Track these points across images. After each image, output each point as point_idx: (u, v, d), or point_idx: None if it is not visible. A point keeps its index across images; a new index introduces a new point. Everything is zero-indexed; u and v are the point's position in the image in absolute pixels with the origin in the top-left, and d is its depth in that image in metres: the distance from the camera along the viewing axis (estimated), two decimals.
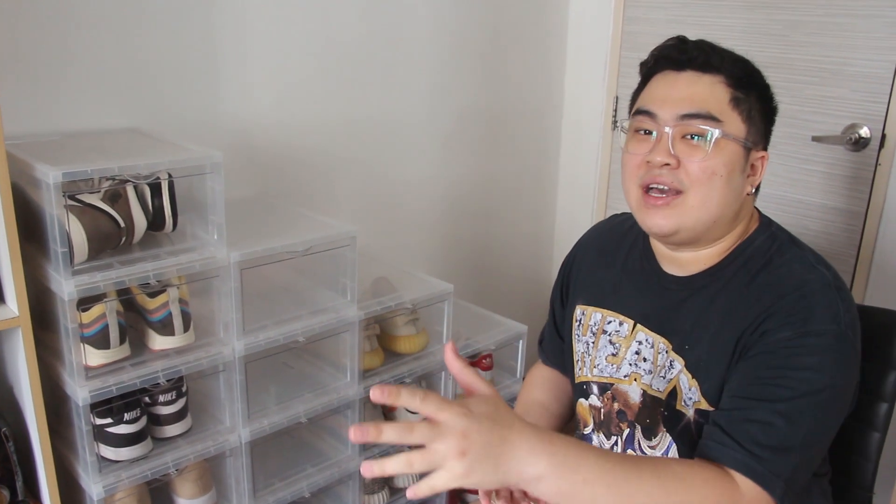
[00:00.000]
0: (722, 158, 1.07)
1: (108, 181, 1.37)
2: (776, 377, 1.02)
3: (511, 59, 2.46)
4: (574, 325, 1.35)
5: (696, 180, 1.08)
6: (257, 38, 1.85)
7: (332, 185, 2.09)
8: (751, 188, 1.12)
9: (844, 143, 2.03)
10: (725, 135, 1.07)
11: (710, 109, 1.08)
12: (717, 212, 1.10)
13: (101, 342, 1.37)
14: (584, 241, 1.43)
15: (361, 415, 1.77)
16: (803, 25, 2.07)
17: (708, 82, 1.09)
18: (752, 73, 1.12)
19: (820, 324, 1.02)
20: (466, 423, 0.80)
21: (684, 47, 1.12)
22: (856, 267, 2.08)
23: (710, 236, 1.14)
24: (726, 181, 1.08)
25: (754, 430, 1.00)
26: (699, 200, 1.08)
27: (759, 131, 1.11)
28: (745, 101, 1.09)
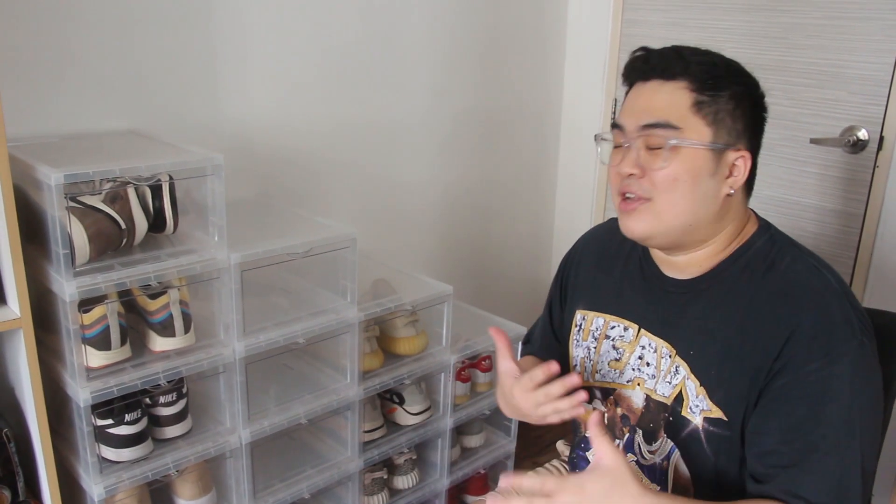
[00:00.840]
0: (683, 165, 1.08)
1: (109, 183, 1.38)
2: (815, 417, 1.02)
3: (510, 62, 2.47)
4: (573, 329, 1.35)
5: (660, 188, 1.09)
6: (257, 41, 1.85)
7: (332, 187, 2.09)
8: (730, 189, 1.11)
9: (842, 145, 2.04)
10: (683, 141, 1.08)
11: (668, 118, 1.09)
12: (689, 216, 1.11)
13: (102, 343, 1.37)
14: (582, 245, 1.42)
15: (361, 416, 1.77)
16: (802, 28, 2.07)
17: (670, 90, 1.10)
18: (721, 75, 1.10)
19: (843, 343, 1.02)
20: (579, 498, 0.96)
21: (647, 57, 1.13)
22: (854, 269, 2.09)
23: (694, 239, 1.14)
24: (691, 186, 1.09)
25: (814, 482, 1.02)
26: (666, 206, 1.10)
27: (732, 132, 1.10)
28: (710, 103, 1.08)
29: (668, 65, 1.10)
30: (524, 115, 2.58)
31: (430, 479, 2.02)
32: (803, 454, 1.03)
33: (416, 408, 1.91)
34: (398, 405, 1.91)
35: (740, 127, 1.10)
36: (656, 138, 1.09)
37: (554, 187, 2.79)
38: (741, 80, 1.12)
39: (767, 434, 1.06)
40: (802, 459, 1.03)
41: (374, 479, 1.87)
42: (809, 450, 1.03)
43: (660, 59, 1.11)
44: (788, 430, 1.04)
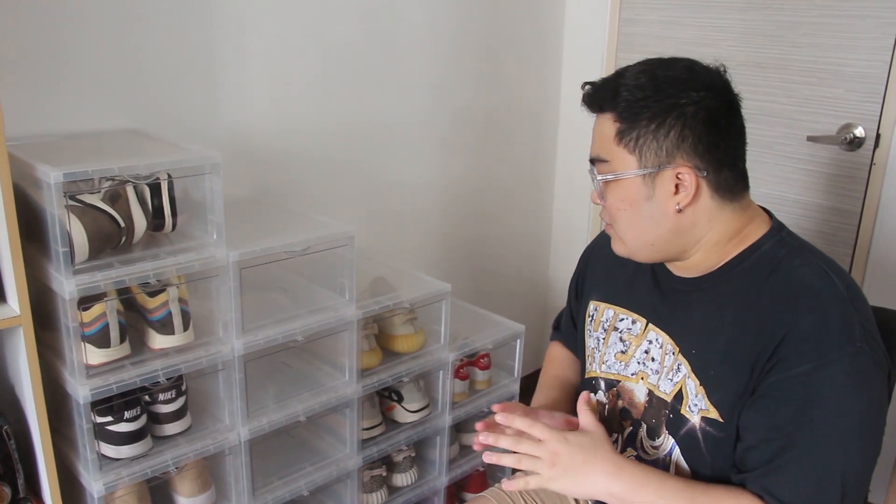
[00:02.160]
0: (616, 195, 1.13)
1: (108, 181, 1.38)
2: (799, 419, 1.02)
3: (508, 61, 2.47)
4: (587, 320, 1.37)
5: (611, 217, 1.17)
6: (256, 40, 1.86)
7: (331, 186, 2.10)
8: (677, 205, 1.09)
9: (839, 142, 2.05)
10: (607, 175, 1.12)
11: (598, 152, 1.13)
12: (646, 237, 1.14)
13: (102, 341, 1.38)
14: (602, 237, 1.43)
15: (360, 414, 1.78)
16: (799, 26, 2.08)
17: (602, 122, 1.12)
18: (643, 97, 1.07)
19: (836, 349, 1.01)
20: (560, 445, 1.11)
21: (587, 92, 1.15)
22: (851, 266, 2.10)
23: (670, 253, 1.16)
24: (632, 213, 1.12)
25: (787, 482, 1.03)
26: (623, 232, 1.16)
27: (660, 153, 1.07)
28: (628, 131, 1.08)
29: (600, 98, 1.12)
30: (522, 114, 2.59)
31: (429, 477, 2.02)
32: (781, 453, 1.04)
33: (415, 405, 1.91)
34: (397, 403, 1.92)
35: (670, 144, 1.07)
36: (594, 173, 1.15)
37: (552, 186, 2.80)
38: (670, 95, 1.07)
39: (752, 430, 1.07)
40: (779, 458, 1.04)
41: (372, 476, 1.88)
42: (788, 449, 1.03)
43: (595, 94, 1.14)
44: (771, 429, 1.05)
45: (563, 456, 1.10)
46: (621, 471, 1.10)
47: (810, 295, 1.06)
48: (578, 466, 1.10)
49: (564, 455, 1.10)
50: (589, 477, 1.10)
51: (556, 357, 1.53)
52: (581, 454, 1.10)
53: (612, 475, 1.09)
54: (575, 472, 1.10)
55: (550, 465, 1.10)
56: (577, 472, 1.10)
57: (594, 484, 1.10)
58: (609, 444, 1.14)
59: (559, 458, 1.10)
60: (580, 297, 1.43)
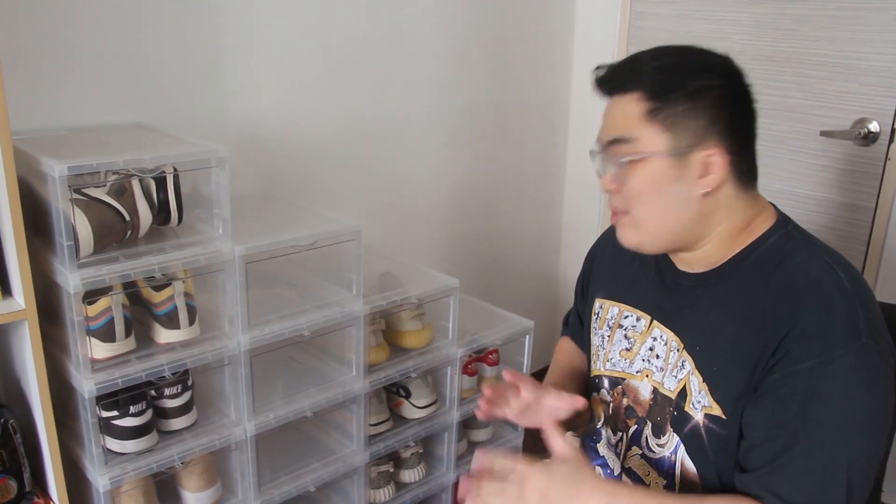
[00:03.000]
0: (643, 177, 1.08)
1: (114, 175, 1.38)
2: (802, 416, 1.00)
3: (518, 55, 2.46)
4: (592, 318, 1.35)
5: (630, 202, 1.11)
6: (264, 34, 1.85)
7: (339, 181, 2.09)
8: (705, 188, 1.08)
9: (853, 137, 2.02)
10: (636, 154, 1.07)
11: (621, 132, 1.08)
12: (666, 224, 1.11)
13: (107, 335, 1.37)
14: (608, 235, 1.42)
15: (367, 409, 1.77)
16: (813, 19, 2.05)
17: (624, 103, 1.09)
18: (673, 76, 1.07)
19: (841, 345, 0.99)
20: (545, 480, 1.02)
21: (603, 74, 1.12)
22: (865, 263, 2.07)
23: (686, 241, 1.13)
24: (657, 196, 1.08)
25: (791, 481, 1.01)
26: (641, 218, 1.11)
27: (694, 132, 1.06)
28: (661, 109, 1.06)
29: (622, 79, 1.10)
30: (533, 109, 2.57)
31: (437, 473, 2.02)
32: (784, 451, 1.01)
33: (423, 401, 1.90)
34: (404, 399, 1.91)
35: (702, 124, 1.06)
36: (612, 154, 1.10)
37: (562, 182, 2.78)
38: (700, 76, 1.07)
39: (755, 428, 1.05)
40: (783, 456, 1.01)
41: (380, 472, 1.87)
42: (791, 447, 1.01)
43: (613, 74, 1.11)
44: (774, 426, 1.03)
45: (552, 490, 1.02)
46: (615, 497, 1.04)
47: (815, 290, 1.04)
48: (571, 499, 1.02)
49: (553, 491, 1.02)
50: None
51: (566, 348, 1.52)
52: (571, 486, 1.03)
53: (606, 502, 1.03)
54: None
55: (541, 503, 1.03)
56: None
57: None
58: (592, 469, 1.08)
59: (549, 493, 1.02)
60: (586, 295, 1.42)
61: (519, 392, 1.26)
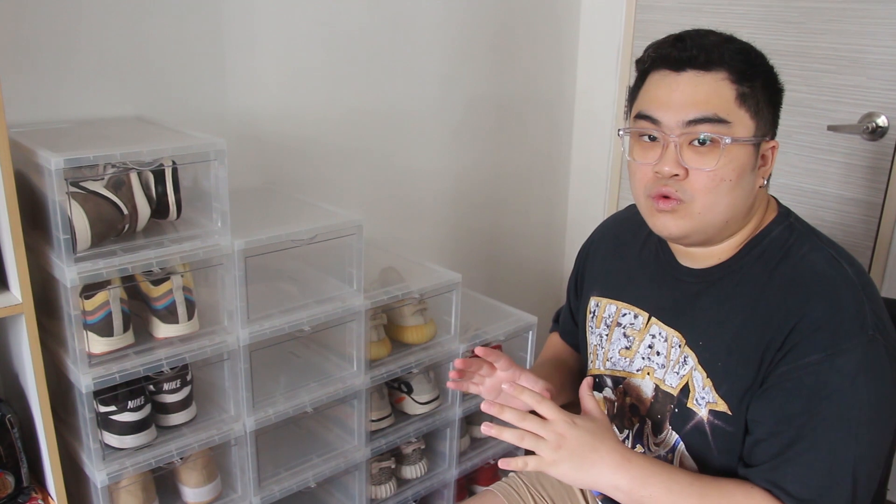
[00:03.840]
0: (732, 164, 1.03)
1: (112, 168, 1.37)
2: (808, 411, 0.99)
3: (522, 48, 2.43)
4: (588, 316, 1.33)
5: (703, 189, 1.04)
6: (265, 26, 1.83)
7: (341, 175, 2.07)
8: (762, 180, 1.08)
9: (861, 132, 2.00)
10: (736, 139, 1.02)
11: (717, 111, 1.02)
12: (728, 214, 1.06)
13: (105, 329, 1.36)
14: (601, 231, 1.40)
15: (368, 405, 1.76)
16: (820, 12, 2.03)
17: (711, 81, 1.02)
18: (755, 62, 1.05)
19: (848, 338, 0.98)
20: (567, 428, 1.03)
21: (683, 45, 1.04)
22: (872, 258, 2.05)
23: (723, 235, 1.11)
24: (735, 184, 1.04)
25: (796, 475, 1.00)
26: (706, 206, 1.05)
27: (767, 122, 1.06)
28: (751, 95, 1.03)
29: (707, 54, 1.02)
30: (537, 103, 2.55)
31: (439, 469, 2.00)
32: (790, 445, 1.00)
33: (425, 397, 1.89)
34: (406, 394, 1.90)
35: (772, 114, 1.07)
36: (703, 134, 1.02)
37: (567, 176, 2.77)
38: (767, 65, 1.07)
39: (761, 422, 1.04)
40: (789, 451, 1.00)
41: (381, 468, 1.86)
42: (797, 441, 1.00)
43: (697, 48, 1.03)
44: (781, 421, 1.01)
45: (570, 440, 1.02)
46: (629, 462, 1.03)
47: (821, 283, 1.03)
48: (585, 454, 1.02)
49: (571, 439, 1.02)
50: (594, 466, 1.02)
51: (554, 343, 1.50)
52: (589, 441, 1.02)
53: (619, 467, 1.02)
54: (580, 460, 1.02)
55: (555, 448, 1.01)
56: (582, 460, 1.02)
57: (599, 474, 1.02)
58: (614, 435, 1.07)
59: (565, 441, 1.02)
60: (580, 293, 1.39)
61: (494, 370, 1.25)
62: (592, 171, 2.69)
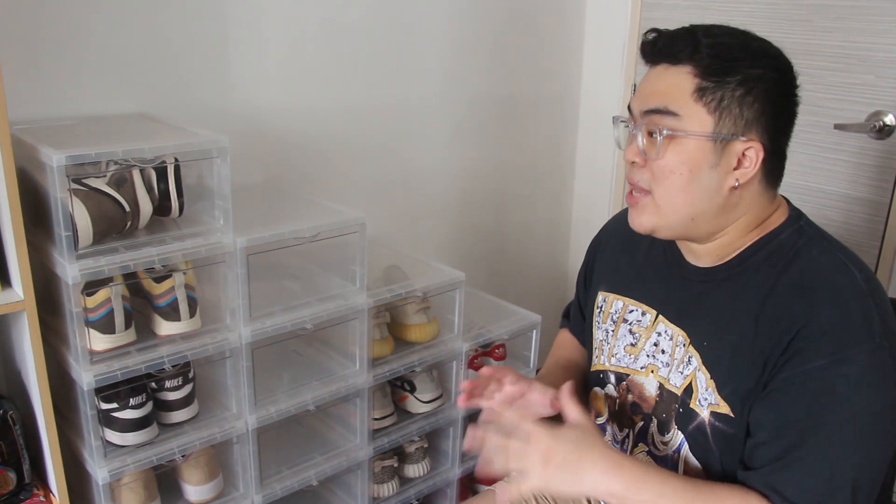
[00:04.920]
0: (679, 156, 1.03)
1: (114, 165, 1.36)
2: (811, 416, 0.98)
3: (527, 45, 2.43)
4: (595, 311, 1.33)
5: (657, 179, 1.06)
6: (269, 23, 1.83)
7: (344, 172, 2.07)
8: (735, 181, 1.05)
9: (868, 130, 1.98)
10: (678, 131, 1.03)
11: (666, 104, 1.03)
12: (688, 210, 1.06)
13: (107, 326, 1.36)
14: (611, 226, 1.40)
15: (371, 403, 1.75)
16: (828, 10, 2.01)
17: (674, 74, 1.04)
18: (732, 58, 1.03)
19: (855, 344, 0.97)
20: (549, 442, 1.03)
21: (656, 40, 1.07)
22: (879, 259, 2.03)
23: (701, 232, 1.10)
24: (688, 180, 1.04)
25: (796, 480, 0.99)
26: (663, 200, 1.07)
27: (739, 120, 1.03)
28: (714, 90, 1.02)
29: (676, 48, 1.04)
30: (541, 100, 2.54)
31: (442, 468, 2.00)
32: (791, 450, 0.99)
33: (428, 396, 1.89)
34: (409, 393, 1.89)
35: (752, 115, 1.03)
36: (652, 125, 1.05)
37: (572, 173, 2.75)
38: (759, 63, 1.03)
39: (762, 426, 1.03)
40: (789, 455, 0.99)
41: (384, 466, 1.86)
42: (798, 447, 0.99)
43: (667, 41, 1.06)
44: (783, 425, 1.00)
45: (556, 454, 1.02)
46: (620, 468, 1.02)
47: (829, 288, 1.02)
48: (573, 464, 1.02)
49: (557, 453, 1.02)
50: (586, 474, 1.02)
51: (565, 341, 1.49)
52: (575, 451, 1.02)
53: (611, 472, 1.02)
54: (571, 471, 1.02)
55: (544, 465, 1.01)
56: (572, 471, 1.02)
57: (592, 481, 1.02)
58: (602, 439, 1.06)
59: (552, 455, 1.02)
60: (588, 287, 1.39)
61: (502, 385, 1.24)
62: (597, 169, 2.68)
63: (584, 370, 1.41)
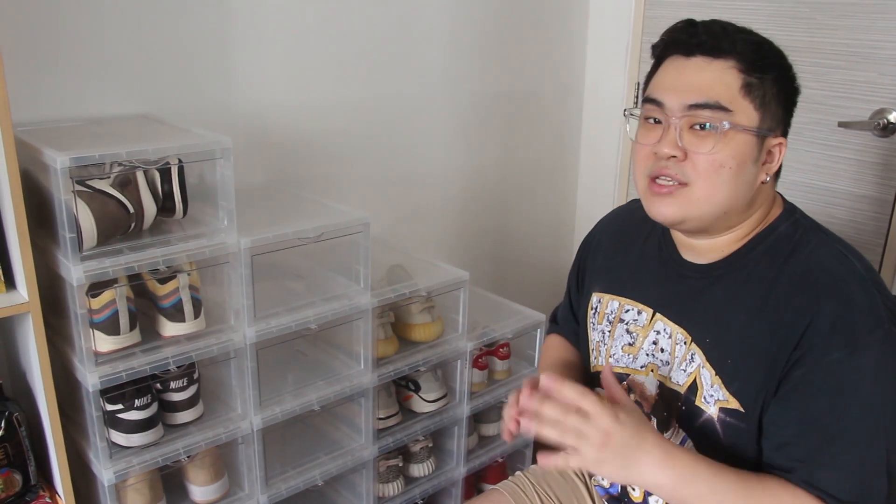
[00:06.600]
0: (731, 150, 1.03)
1: (118, 167, 1.36)
2: (834, 410, 0.99)
3: (531, 44, 2.42)
4: (589, 312, 1.32)
5: (703, 173, 1.04)
6: (272, 23, 1.83)
7: (348, 172, 2.07)
8: (766, 176, 1.08)
9: (872, 128, 1.98)
10: (735, 125, 1.03)
11: (718, 98, 1.03)
12: (726, 204, 1.06)
13: (111, 328, 1.36)
14: (603, 226, 1.39)
15: (376, 403, 1.75)
16: (831, 7, 2.01)
17: (718, 68, 1.04)
18: (767, 55, 1.05)
19: (867, 334, 0.98)
20: (612, 424, 0.97)
21: (693, 31, 1.06)
22: (883, 255, 2.03)
23: (722, 225, 1.10)
24: (735, 173, 1.04)
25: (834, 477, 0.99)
26: (705, 193, 1.05)
27: (774, 117, 1.06)
28: (758, 86, 1.03)
29: (716, 41, 1.04)
30: (545, 99, 2.54)
31: (447, 468, 2.00)
32: (821, 448, 0.99)
33: (432, 395, 1.89)
34: (414, 392, 1.89)
35: (781, 112, 1.06)
36: (703, 119, 1.04)
37: (576, 172, 2.75)
38: (783, 62, 1.07)
39: (785, 425, 1.02)
40: (821, 453, 0.99)
41: (388, 466, 1.86)
42: (828, 444, 0.99)
43: (707, 33, 1.05)
44: (806, 423, 1.00)
45: (615, 437, 0.97)
46: (673, 459, 0.99)
47: (832, 279, 1.02)
48: (630, 451, 0.98)
49: (616, 436, 0.97)
50: (639, 464, 0.98)
51: (555, 343, 1.47)
52: (634, 437, 0.98)
53: (664, 464, 0.99)
54: (626, 458, 0.98)
55: (600, 447, 0.97)
56: (627, 458, 0.98)
57: (643, 472, 0.99)
58: (654, 427, 1.03)
59: (610, 439, 0.97)
60: (581, 288, 1.38)
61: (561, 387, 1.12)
62: (601, 167, 2.68)
63: (579, 368, 1.40)
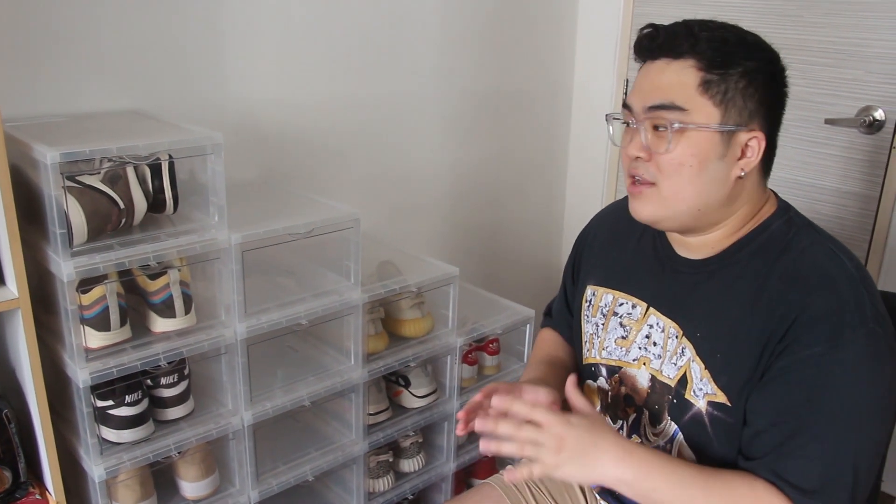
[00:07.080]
0: (690, 149, 1.05)
1: (108, 162, 1.36)
2: (809, 402, 1.00)
3: (520, 41, 2.43)
4: (584, 305, 1.33)
5: (665, 173, 1.07)
6: (262, 19, 1.83)
7: (338, 168, 2.07)
8: (741, 171, 1.07)
9: (858, 125, 2.00)
10: (688, 124, 1.04)
11: (673, 99, 1.05)
12: (696, 201, 1.08)
13: (102, 324, 1.36)
14: (599, 220, 1.41)
15: (366, 398, 1.76)
16: (817, 5, 2.02)
17: (677, 69, 1.06)
18: (732, 51, 1.05)
19: (850, 331, 0.99)
20: (564, 429, 1.03)
21: (654, 34, 1.09)
22: (869, 252, 2.05)
23: (705, 222, 1.11)
24: (697, 171, 1.06)
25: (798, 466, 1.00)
26: (671, 192, 1.08)
27: (744, 111, 1.05)
28: (719, 82, 1.04)
29: (675, 42, 1.06)
30: (535, 96, 2.55)
31: (437, 463, 2.01)
32: (791, 437, 1.01)
33: (422, 391, 1.89)
34: (404, 388, 1.90)
35: (753, 106, 1.06)
36: (660, 120, 1.06)
37: (565, 169, 2.76)
38: (756, 56, 1.06)
39: (761, 414, 1.04)
40: (790, 443, 1.01)
41: (379, 461, 1.86)
42: (798, 434, 1.00)
43: (667, 36, 1.07)
44: (781, 413, 1.02)
45: (569, 440, 1.02)
46: (631, 455, 1.03)
47: (822, 276, 1.04)
48: (586, 451, 1.02)
49: (570, 439, 1.02)
50: (598, 462, 1.02)
51: (547, 339, 1.49)
52: (588, 437, 1.03)
53: (622, 460, 1.02)
54: (583, 458, 1.02)
55: (556, 451, 1.02)
56: (584, 458, 1.02)
57: (603, 469, 1.03)
58: (611, 427, 1.07)
59: (565, 442, 1.02)
60: (576, 281, 1.40)
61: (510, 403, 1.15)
62: (590, 164, 2.69)
63: (568, 366, 1.41)
